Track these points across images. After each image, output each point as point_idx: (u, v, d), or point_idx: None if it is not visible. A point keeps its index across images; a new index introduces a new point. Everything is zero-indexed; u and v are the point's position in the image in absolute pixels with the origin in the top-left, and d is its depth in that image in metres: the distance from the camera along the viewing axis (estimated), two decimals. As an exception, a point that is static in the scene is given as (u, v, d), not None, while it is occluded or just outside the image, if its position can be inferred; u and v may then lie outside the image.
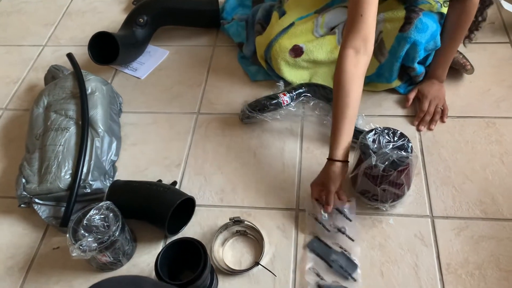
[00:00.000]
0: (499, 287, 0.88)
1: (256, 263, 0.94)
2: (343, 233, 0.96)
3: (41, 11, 1.66)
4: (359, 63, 0.92)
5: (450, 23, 1.10)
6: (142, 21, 1.37)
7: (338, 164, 0.93)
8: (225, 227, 1.00)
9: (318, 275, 0.92)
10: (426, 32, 1.09)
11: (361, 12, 0.90)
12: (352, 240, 0.96)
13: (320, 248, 0.96)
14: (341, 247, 0.96)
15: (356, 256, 0.94)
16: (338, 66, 0.93)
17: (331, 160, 0.94)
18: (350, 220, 0.98)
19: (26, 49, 1.52)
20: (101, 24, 1.56)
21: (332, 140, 0.94)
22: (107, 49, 1.30)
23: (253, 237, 0.99)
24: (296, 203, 1.04)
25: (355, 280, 0.91)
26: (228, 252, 0.98)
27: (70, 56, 1.27)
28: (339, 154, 0.93)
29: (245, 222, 0.99)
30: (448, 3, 1.10)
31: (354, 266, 0.93)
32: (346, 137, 0.93)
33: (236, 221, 0.99)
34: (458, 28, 1.08)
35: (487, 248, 0.93)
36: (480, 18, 1.11)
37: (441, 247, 0.94)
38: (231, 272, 0.94)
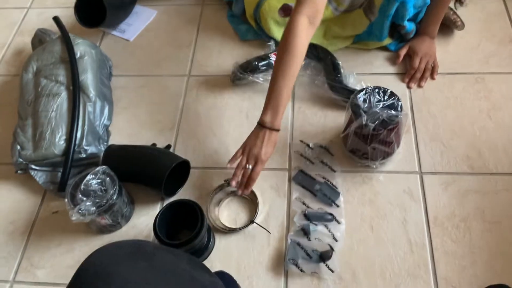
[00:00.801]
0: (483, 238, 0.92)
1: (251, 221, 0.98)
2: (326, 164, 1.03)
3: (23, -29, 1.60)
4: (308, 33, 0.92)
5: None
6: (128, -20, 1.33)
7: (275, 134, 0.93)
8: (220, 188, 1.03)
9: (304, 203, 0.99)
10: None
11: None
12: (334, 171, 1.02)
13: (305, 180, 1.02)
14: (324, 178, 1.02)
15: (338, 185, 1.00)
16: (291, 29, 0.90)
17: (260, 125, 0.93)
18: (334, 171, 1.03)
19: (10, 12, 1.49)
20: (86, -17, 1.52)
21: (266, 101, 0.93)
22: (94, 11, 1.27)
23: (247, 197, 1.02)
24: (289, 163, 1.06)
25: (338, 206, 0.98)
26: (223, 212, 1.01)
27: (56, 19, 1.24)
28: (269, 119, 0.91)
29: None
30: None
31: (336, 193, 1.00)
32: (284, 99, 0.91)
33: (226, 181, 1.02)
34: None
35: (472, 201, 0.97)
36: None
37: (429, 202, 0.98)
38: (227, 230, 0.98)
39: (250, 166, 0.93)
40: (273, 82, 0.92)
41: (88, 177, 0.95)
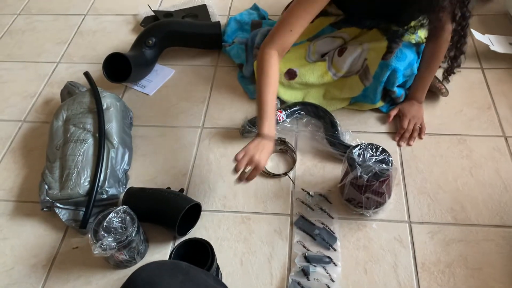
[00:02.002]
0: (466, 283, 1.02)
1: (285, 173, 1.23)
2: (324, 211, 1.14)
3: (54, 30, 1.79)
4: (277, 63, 1.11)
5: (427, 55, 1.27)
6: (151, 42, 1.50)
7: (270, 141, 1.07)
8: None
9: (304, 246, 1.09)
10: (404, 60, 1.25)
11: (291, 28, 1.11)
12: (332, 218, 1.13)
13: (305, 225, 1.13)
14: (322, 223, 1.13)
15: (335, 231, 1.11)
16: (264, 59, 1.10)
17: (262, 135, 1.07)
18: (332, 218, 1.14)
19: (41, 65, 1.65)
20: (111, 43, 1.69)
21: (260, 118, 1.08)
22: (119, 68, 1.43)
23: (290, 156, 1.28)
24: (291, 209, 1.17)
25: (335, 250, 1.09)
26: (268, 163, 1.23)
27: (87, 74, 1.39)
28: (267, 130, 1.07)
29: (288, 144, 1.29)
30: (425, 39, 1.26)
31: (334, 238, 1.10)
32: (270, 111, 1.07)
33: (282, 141, 1.29)
34: (434, 59, 1.25)
35: (456, 249, 1.07)
36: (455, 64, 1.25)
37: (417, 248, 1.08)
38: (268, 174, 1.23)
39: (249, 168, 1.07)
40: (260, 104, 1.08)
41: (110, 215, 1.05)
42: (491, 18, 1.63)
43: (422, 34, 1.32)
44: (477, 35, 1.46)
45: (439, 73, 1.33)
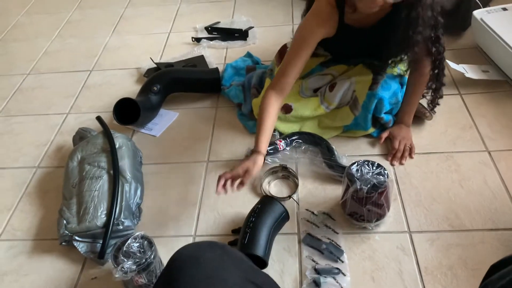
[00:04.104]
0: (468, 282, 1.08)
1: (289, 196, 1.31)
2: (329, 227, 1.21)
3: (62, 86, 1.91)
4: (277, 102, 1.29)
5: (410, 85, 1.42)
6: (156, 89, 1.63)
7: (261, 156, 1.20)
8: (273, 171, 1.39)
9: (313, 260, 1.15)
10: (389, 90, 1.39)
11: (287, 73, 1.29)
12: (337, 233, 1.21)
13: (312, 241, 1.20)
14: (328, 239, 1.19)
15: (341, 244, 1.17)
16: (264, 100, 1.28)
17: (256, 152, 1.20)
18: (337, 233, 1.21)
19: (52, 117, 1.75)
20: (116, 94, 1.81)
21: (257, 139, 1.23)
22: (126, 113, 1.55)
23: (291, 181, 1.38)
24: (297, 228, 1.24)
25: (342, 261, 1.15)
26: (272, 188, 1.38)
27: (99, 118, 1.50)
28: (263, 148, 1.22)
29: (289, 170, 1.38)
30: (407, 72, 1.41)
31: (340, 251, 1.17)
32: (266, 137, 1.23)
33: (284, 167, 1.39)
34: (417, 88, 1.40)
35: (455, 253, 1.14)
36: (438, 95, 1.40)
37: (419, 255, 1.15)
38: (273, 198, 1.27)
39: (240, 174, 1.17)
40: (257, 128, 1.25)
41: (129, 241, 1.11)
42: (463, 51, 1.80)
43: (402, 67, 1.46)
44: (452, 64, 1.62)
45: (423, 102, 1.47)
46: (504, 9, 1.70)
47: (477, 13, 1.69)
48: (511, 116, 1.49)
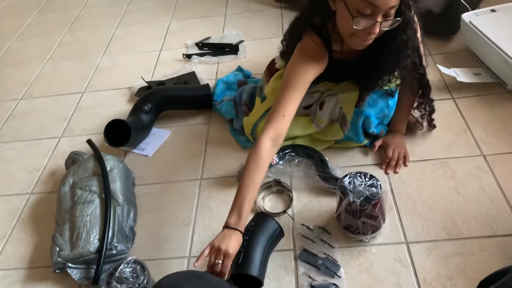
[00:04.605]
0: (467, 292, 1.06)
1: (284, 211, 1.29)
2: (325, 242, 1.19)
3: (55, 109, 1.91)
4: (271, 152, 1.13)
5: (401, 99, 1.40)
6: (146, 108, 1.62)
7: (231, 230, 1.04)
8: (268, 187, 1.37)
9: (310, 277, 1.13)
10: (376, 106, 1.37)
11: (283, 113, 1.16)
12: (333, 247, 1.18)
13: (308, 257, 1.18)
14: (325, 253, 1.17)
15: (338, 259, 1.15)
16: (257, 149, 1.11)
17: (225, 227, 1.05)
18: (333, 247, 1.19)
19: (45, 141, 1.75)
20: (109, 114, 1.81)
21: (232, 206, 1.07)
22: (118, 134, 1.54)
23: (287, 195, 1.36)
24: (293, 244, 1.22)
25: (339, 277, 1.13)
26: (267, 203, 1.35)
27: (90, 142, 1.50)
28: (233, 221, 1.05)
29: (283, 184, 1.36)
30: (397, 86, 1.38)
31: (337, 266, 1.15)
32: (246, 205, 1.06)
33: (277, 182, 1.37)
34: (408, 100, 1.39)
35: (454, 263, 1.12)
36: (431, 110, 1.39)
37: (417, 266, 1.13)
38: (268, 214, 1.25)
39: (220, 261, 1.00)
40: (239, 191, 1.08)
41: (121, 266, 1.10)
42: (455, 54, 1.79)
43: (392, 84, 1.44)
44: (444, 69, 1.61)
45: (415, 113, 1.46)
46: (493, 10, 1.69)
47: (465, 16, 1.68)
48: (504, 118, 1.48)
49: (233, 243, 1.03)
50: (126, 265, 1.11)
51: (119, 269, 1.09)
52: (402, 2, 1.08)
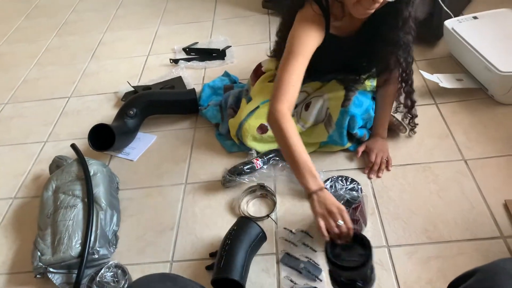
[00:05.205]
0: (447, 296, 1.06)
1: (267, 215, 1.30)
2: (307, 245, 1.18)
3: (41, 113, 1.90)
4: (292, 121, 1.12)
5: (380, 97, 1.42)
6: (132, 113, 1.62)
7: (319, 192, 1.03)
8: (251, 191, 1.38)
9: (291, 281, 1.13)
10: (361, 106, 1.39)
11: (292, 83, 1.14)
12: (315, 251, 1.18)
13: (291, 261, 1.18)
14: (307, 257, 1.17)
15: (320, 263, 1.14)
16: (281, 121, 1.09)
17: (311, 194, 1.03)
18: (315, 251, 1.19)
19: (29, 146, 1.74)
20: (95, 119, 1.80)
21: (301, 176, 1.05)
22: (103, 138, 1.53)
23: (269, 199, 1.36)
24: (276, 248, 1.23)
25: (321, 280, 1.13)
26: (250, 207, 1.35)
27: (74, 146, 1.49)
28: (315, 186, 1.03)
29: (267, 188, 1.37)
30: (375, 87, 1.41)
31: (319, 270, 1.15)
32: (313, 166, 1.05)
33: (261, 186, 1.37)
34: (386, 103, 1.41)
35: (434, 266, 1.13)
36: (413, 115, 1.42)
37: (398, 269, 1.13)
38: (251, 218, 1.26)
39: (341, 221, 0.99)
40: (296, 160, 1.05)
41: (102, 271, 1.10)
42: (438, 60, 1.81)
43: (375, 82, 1.47)
44: (426, 75, 1.62)
45: (398, 116, 1.48)
46: (475, 17, 1.72)
47: (448, 23, 1.71)
48: (485, 123, 1.49)
49: (333, 199, 1.01)
50: (107, 270, 1.11)
51: (100, 274, 1.09)
52: None
